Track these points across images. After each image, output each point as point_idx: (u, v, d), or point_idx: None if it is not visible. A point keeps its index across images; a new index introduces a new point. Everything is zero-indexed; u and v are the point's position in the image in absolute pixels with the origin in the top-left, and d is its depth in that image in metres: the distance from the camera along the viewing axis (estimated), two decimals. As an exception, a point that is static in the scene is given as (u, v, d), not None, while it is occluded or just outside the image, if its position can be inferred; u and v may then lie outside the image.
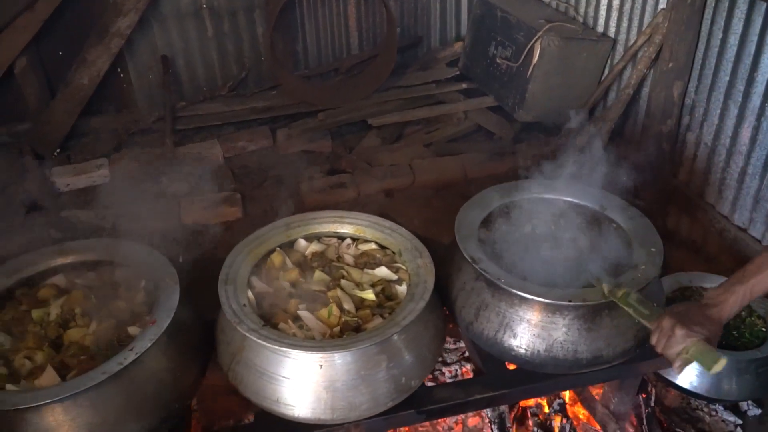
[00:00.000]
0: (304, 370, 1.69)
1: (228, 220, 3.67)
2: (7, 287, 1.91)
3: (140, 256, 1.98)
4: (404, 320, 1.73)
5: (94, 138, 4.32)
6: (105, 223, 3.54)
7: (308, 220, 2.18)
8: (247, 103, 4.49)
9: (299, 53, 4.72)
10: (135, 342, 1.65)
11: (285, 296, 1.91)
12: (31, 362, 1.69)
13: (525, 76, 3.82)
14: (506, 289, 1.86)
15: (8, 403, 1.50)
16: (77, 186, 3.91)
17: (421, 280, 1.89)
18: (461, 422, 2.44)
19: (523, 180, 2.34)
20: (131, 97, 4.53)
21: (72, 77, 4.01)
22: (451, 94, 4.56)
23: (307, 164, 4.17)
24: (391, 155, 4.12)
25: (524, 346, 1.89)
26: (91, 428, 1.58)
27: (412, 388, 1.81)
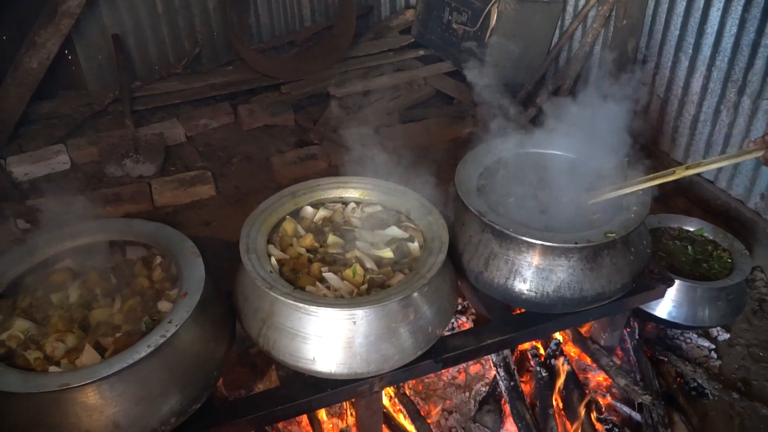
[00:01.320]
0: (339, 327, 1.76)
1: (201, 198, 3.65)
2: (19, 274, 1.88)
3: (154, 233, 1.98)
4: (429, 272, 1.82)
5: (45, 124, 4.15)
6: (75, 210, 3.44)
7: (313, 187, 2.22)
8: (204, 80, 4.41)
9: (252, 27, 4.65)
10: (172, 315, 1.67)
11: (305, 261, 1.96)
12: (64, 344, 1.68)
13: (483, 39, 3.93)
14: (515, 238, 1.98)
15: (55, 383, 1.50)
16: (36, 174, 3.76)
17: (435, 236, 1.98)
18: (464, 371, 2.57)
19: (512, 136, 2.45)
20: (81, 80, 4.36)
21: (21, 61, 3.82)
22: (409, 62, 4.63)
23: (273, 138, 4.17)
24: (355, 124, 4.15)
25: (534, 290, 2.02)
26: (137, 402, 1.60)
27: (436, 336, 1.91)
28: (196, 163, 3.90)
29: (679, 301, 2.51)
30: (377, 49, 4.67)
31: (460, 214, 2.19)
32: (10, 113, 3.88)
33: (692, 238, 2.72)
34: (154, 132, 4.01)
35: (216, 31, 4.54)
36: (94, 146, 3.90)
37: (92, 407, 1.56)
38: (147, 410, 1.61)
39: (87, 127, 4.16)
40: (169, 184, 3.63)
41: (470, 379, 2.55)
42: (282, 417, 2.08)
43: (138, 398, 1.60)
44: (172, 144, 4.05)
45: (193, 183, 3.64)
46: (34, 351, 1.66)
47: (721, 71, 3.01)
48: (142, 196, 3.55)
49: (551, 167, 2.35)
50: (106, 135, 4.00)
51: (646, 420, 2.28)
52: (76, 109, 4.18)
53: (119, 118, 4.12)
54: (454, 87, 4.45)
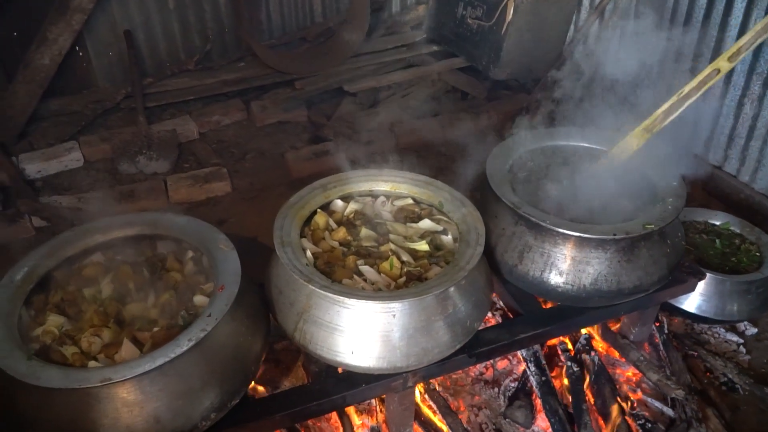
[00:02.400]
0: (378, 320, 1.74)
1: (217, 195, 3.61)
2: (49, 269, 1.84)
3: (184, 227, 1.95)
4: (468, 264, 1.79)
5: (56, 121, 4.11)
6: (90, 207, 3.41)
7: (343, 180, 2.19)
8: (216, 76, 4.37)
9: (263, 22, 4.62)
10: (210, 308, 1.64)
11: (339, 254, 1.94)
12: (100, 339, 1.65)
13: (499, 34, 3.91)
14: (550, 230, 1.96)
15: (97, 378, 1.47)
16: (49, 171, 3.72)
17: (471, 228, 1.96)
18: (491, 366, 2.55)
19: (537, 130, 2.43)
20: (91, 76, 4.32)
21: (32, 57, 3.78)
22: (422, 57, 4.60)
23: (287, 134, 4.13)
24: (370, 120, 4.13)
25: (570, 283, 2.00)
26: (177, 397, 1.57)
27: (474, 329, 1.89)
28: (210, 160, 3.87)
29: (708, 295, 2.49)
30: (390, 45, 4.64)
31: (492, 207, 2.16)
32: (21, 110, 3.84)
33: (719, 232, 2.70)
34: (166, 129, 3.98)
35: (227, 27, 4.51)
36: (107, 143, 3.86)
37: (133, 402, 1.53)
38: (188, 405, 1.58)
39: (98, 124, 4.13)
40: (184, 181, 3.60)
41: (498, 374, 2.52)
42: (316, 413, 2.05)
43: (179, 393, 1.57)
44: (185, 141, 4.01)
45: (208, 179, 3.61)
46: (71, 346, 1.63)
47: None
48: (158, 193, 3.52)
49: (580, 159, 2.34)
50: (118, 132, 3.96)
51: (680, 415, 2.25)
52: (86, 106, 4.14)
53: (131, 115, 4.08)
54: (468, 82, 4.43)
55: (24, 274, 1.79)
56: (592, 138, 2.38)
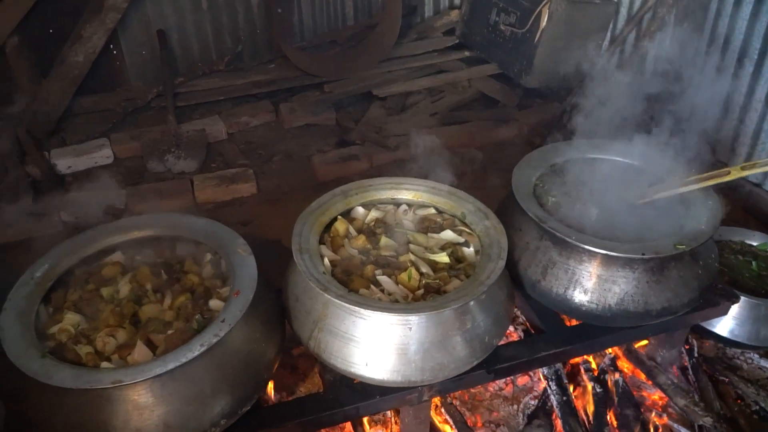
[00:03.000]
0: (394, 333, 1.70)
1: (243, 196, 3.62)
2: (69, 266, 1.85)
3: (204, 229, 1.94)
4: (488, 279, 1.74)
5: (88, 118, 4.17)
6: (117, 204, 3.44)
7: (365, 187, 2.16)
8: (246, 77, 4.39)
9: (295, 25, 4.63)
10: (224, 313, 1.62)
11: (357, 263, 1.90)
12: (115, 340, 1.64)
13: (532, 41, 3.84)
14: (576, 246, 1.89)
15: (108, 380, 1.46)
16: (79, 168, 3.77)
17: (493, 241, 1.91)
18: (511, 382, 2.49)
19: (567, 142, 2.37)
20: (124, 75, 4.38)
21: (66, 55, 3.84)
22: (453, 63, 4.55)
23: (314, 137, 4.13)
24: (398, 125, 4.10)
25: (595, 302, 1.93)
26: (188, 402, 1.56)
27: (492, 346, 1.84)
28: (237, 161, 3.88)
29: (742, 319, 2.39)
30: (421, 50, 4.61)
31: (516, 220, 2.11)
32: (55, 106, 3.91)
33: (755, 253, 2.60)
34: (195, 128, 4.01)
35: (259, 29, 4.53)
36: (137, 141, 3.90)
37: (143, 405, 1.52)
38: (198, 411, 1.56)
39: (129, 122, 4.18)
40: (210, 181, 3.61)
41: (518, 391, 2.46)
42: (328, 423, 2.02)
43: (189, 398, 1.56)
44: (213, 141, 4.04)
45: (234, 180, 3.61)
46: (85, 345, 1.63)
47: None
48: (184, 192, 3.54)
49: (610, 173, 2.26)
50: (148, 130, 4.00)
51: (706, 442, 2.17)
52: (118, 104, 4.20)
53: (161, 114, 4.12)
54: (499, 89, 4.37)
55: (44, 272, 1.80)
56: (626, 152, 2.30)
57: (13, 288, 1.73)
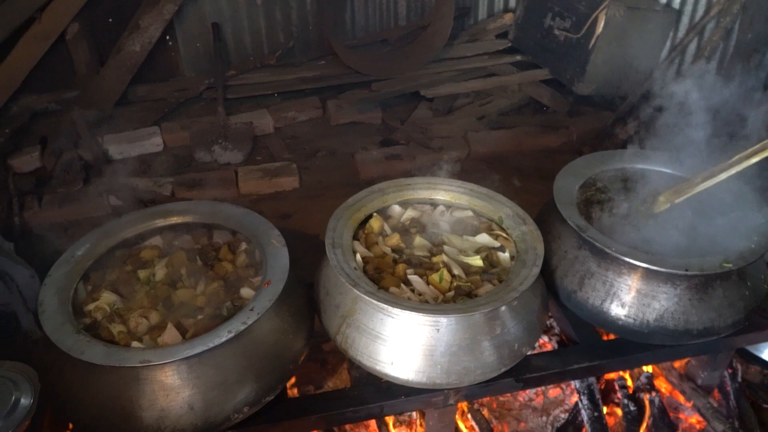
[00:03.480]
0: (421, 333, 1.68)
1: (284, 190, 3.65)
2: (110, 247, 1.90)
3: (241, 219, 1.96)
4: (521, 286, 1.71)
5: (142, 106, 4.29)
6: (163, 191, 3.53)
7: (402, 186, 2.14)
8: (295, 73, 4.44)
9: (347, 23, 4.65)
10: (254, 302, 1.64)
11: (389, 261, 1.89)
12: (147, 321, 1.68)
13: (587, 47, 3.76)
14: (615, 257, 1.83)
15: (137, 359, 1.49)
16: (130, 154, 3.88)
17: (529, 247, 1.87)
18: (542, 393, 2.43)
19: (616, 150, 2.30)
20: (178, 66, 4.49)
21: (124, 44, 3.96)
22: (504, 67, 4.50)
23: (359, 135, 4.13)
24: (443, 127, 4.07)
25: (632, 316, 1.87)
26: (212, 387, 1.57)
27: (522, 355, 1.80)
28: (282, 155, 3.92)
29: (790, 344, 2.28)
30: (471, 52, 4.57)
31: (556, 228, 2.06)
32: (110, 93, 4.03)
33: (809, 276, 2.47)
34: (243, 121, 4.07)
35: (311, 25, 4.57)
36: (186, 131, 3.99)
37: (170, 387, 1.54)
38: (222, 396, 1.58)
39: (180, 112, 4.27)
40: (254, 173, 3.66)
41: (548, 403, 2.41)
42: (352, 419, 2.01)
43: (214, 383, 1.57)
44: (260, 134, 4.09)
45: (277, 174, 3.65)
46: (119, 324, 1.66)
47: None
48: (228, 183, 3.60)
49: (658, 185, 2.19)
50: (198, 121, 4.08)
51: (745, 471, 2.07)
52: (171, 93, 4.30)
53: (211, 105, 4.20)
54: (549, 95, 4.29)
55: (85, 251, 1.86)
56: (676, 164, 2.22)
57: (54, 265, 1.78)
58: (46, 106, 4.09)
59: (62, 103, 4.16)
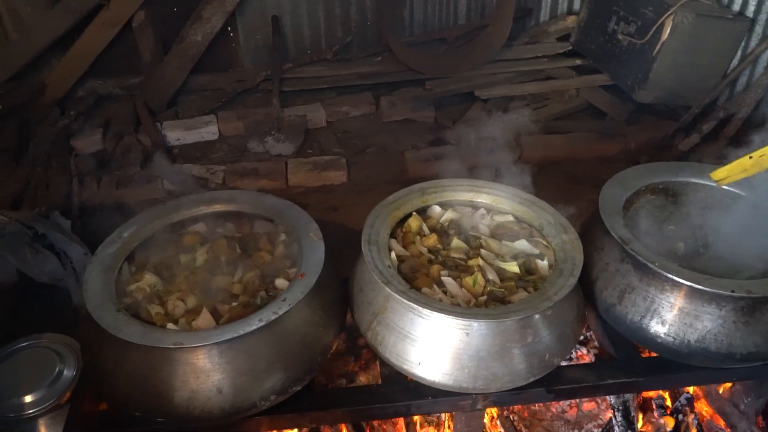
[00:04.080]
0: (450, 336, 1.67)
1: (332, 183, 3.69)
2: (156, 230, 1.97)
3: (282, 211, 2.00)
4: (556, 295, 1.67)
5: (201, 95, 4.40)
6: (215, 179, 3.62)
7: (444, 186, 2.14)
8: (351, 68, 4.46)
9: (405, 20, 4.65)
10: (287, 293, 1.66)
11: (425, 261, 1.89)
12: (184, 304, 1.73)
13: (651, 54, 3.63)
14: (659, 273, 1.78)
15: (170, 341, 1.54)
16: (186, 141, 3.99)
17: (568, 256, 1.83)
18: (576, 406, 2.38)
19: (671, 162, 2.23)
20: (237, 57, 4.58)
21: (186, 33, 4.07)
22: (562, 70, 4.40)
23: (410, 133, 4.12)
24: (496, 129, 4.01)
25: (673, 335, 1.80)
26: (242, 373, 1.61)
27: (553, 365, 1.77)
28: (332, 149, 3.96)
29: None
30: (530, 54, 4.49)
31: (599, 238, 2.01)
32: (171, 81, 4.15)
33: None
34: (297, 114, 4.12)
35: (370, 21, 4.59)
36: (241, 121, 4.07)
37: (200, 370, 1.59)
38: (250, 383, 1.62)
39: (237, 102, 4.36)
40: (303, 166, 3.71)
41: (581, 416, 2.36)
42: (379, 416, 2.04)
43: (243, 370, 1.61)
44: (313, 127, 4.14)
45: (326, 167, 3.69)
46: (157, 306, 1.72)
47: None
48: (278, 174, 3.65)
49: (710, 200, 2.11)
50: (253, 112, 4.16)
51: (786, 505, 1.97)
52: (229, 84, 4.39)
53: (267, 97, 4.28)
54: (608, 102, 4.17)
55: (132, 232, 1.93)
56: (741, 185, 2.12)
57: (102, 244, 1.86)
58: (110, 90, 4.25)
59: (126, 89, 4.31)
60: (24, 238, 2.69)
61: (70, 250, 2.73)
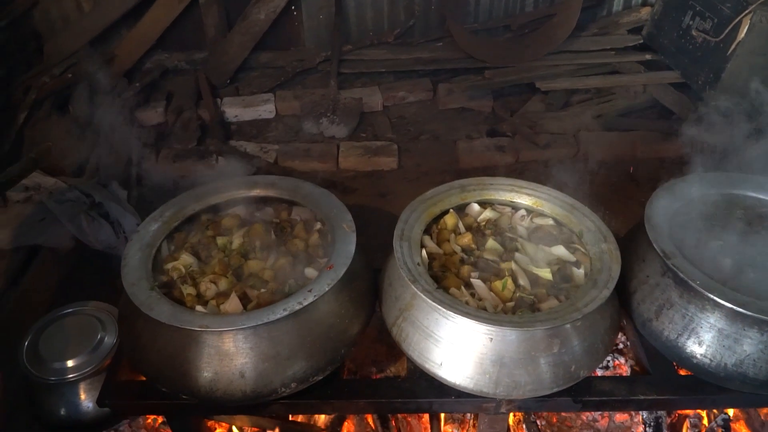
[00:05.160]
0: (473, 340, 1.65)
1: (382, 169, 3.69)
2: (196, 211, 2.02)
3: (319, 199, 2.01)
4: (586, 307, 1.62)
5: (261, 73, 4.47)
6: (268, 157, 3.68)
7: (485, 184, 2.09)
8: (411, 53, 4.43)
9: (470, 5, 4.56)
10: (313, 284, 1.68)
11: (456, 261, 1.87)
12: (216, 287, 1.77)
13: (725, 53, 3.44)
14: (700, 292, 1.69)
15: (197, 323, 1.59)
16: (244, 118, 4.07)
17: (604, 267, 1.77)
18: (607, 416, 2.32)
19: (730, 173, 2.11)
20: (299, 37, 4.62)
21: (250, 11, 4.13)
22: (630, 65, 4.23)
23: (465, 122, 4.07)
24: (555, 123, 3.91)
25: (709, 356, 1.72)
26: (265, 359, 1.64)
27: (579, 378, 1.72)
28: (386, 134, 3.95)
29: None
30: (597, 46, 4.33)
31: (642, 249, 1.93)
32: (233, 58, 4.24)
33: None
34: (353, 96, 4.13)
35: (434, 5, 4.52)
36: (298, 101, 4.12)
37: (225, 353, 1.63)
38: (272, 369, 1.65)
39: (296, 81, 4.41)
40: (355, 149, 3.72)
41: (613, 427, 2.30)
42: (401, 410, 2.04)
43: (266, 356, 1.64)
44: (368, 111, 4.14)
45: (377, 153, 3.69)
46: (190, 287, 1.77)
47: None
48: (329, 156, 3.69)
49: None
50: (311, 92, 4.20)
51: None
52: (289, 63, 4.44)
53: (324, 78, 4.30)
54: (677, 100, 3.99)
55: (173, 212, 1.98)
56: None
57: (144, 221, 1.93)
58: (176, 64, 4.38)
59: (190, 63, 4.43)
60: (81, 206, 2.83)
61: (124, 220, 2.85)
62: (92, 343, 2.08)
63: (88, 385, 2.08)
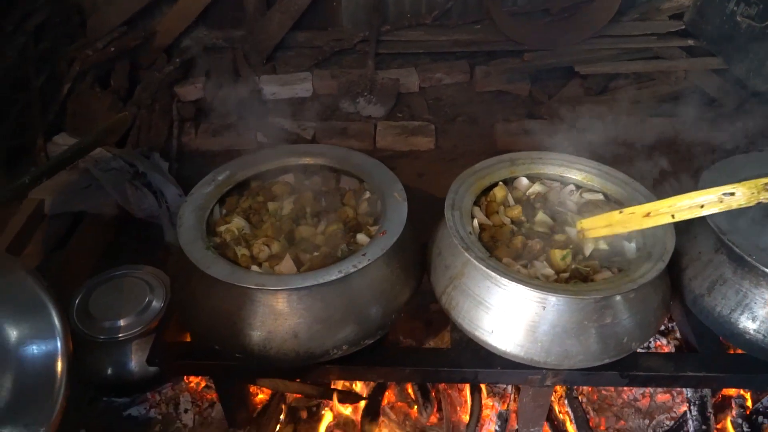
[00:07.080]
0: (526, 307, 1.66)
1: (419, 149, 3.68)
2: (247, 177, 2.04)
3: (369, 170, 2.02)
4: (641, 278, 1.62)
5: (299, 52, 4.47)
6: (306, 135, 3.70)
7: (534, 159, 2.09)
8: (449, 35, 4.40)
9: (510, -13, 4.52)
10: (367, 249, 1.69)
11: (507, 232, 1.87)
12: (269, 249, 1.79)
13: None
14: (755, 267, 1.68)
15: (254, 281, 1.61)
16: (281, 96, 4.08)
17: (658, 240, 1.76)
18: (649, 395, 2.31)
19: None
20: (337, 16, 4.60)
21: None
22: (672, 50, 4.16)
23: (503, 105, 4.04)
24: (593, 107, 3.86)
25: (763, 332, 1.71)
26: (317, 320, 1.67)
27: (631, 349, 1.72)
28: (423, 115, 3.94)
29: None
30: (638, 31, 4.26)
31: (694, 226, 1.91)
32: (272, 36, 4.25)
33: None
34: (390, 77, 4.12)
35: (472, -13, 4.49)
36: (335, 80, 4.12)
37: (279, 312, 1.65)
38: (325, 331, 1.67)
39: (333, 61, 4.40)
40: (392, 129, 3.72)
41: (654, 407, 2.29)
42: (446, 379, 2.06)
43: (319, 318, 1.66)
44: (405, 92, 4.13)
45: (414, 133, 3.69)
46: (243, 248, 1.80)
47: None
48: (366, 136, 3.69)
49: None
50: (348, 72, 4.20)
51: None
52: (327, 42, 4.43)
53: (362, 58, 4.29)
54: (719, 87, 3.92)
55: (225, 176, 2.01)
56: None
57: (197, 185, 1.95)
58: (215, 41, 4.39)
59: (229, 41, 4.44)
60: (125, 175, 2.87)
61: (166, 190, 2.89)
62: (141, 305, 2.12)
63: (136, 345, 2.11)
